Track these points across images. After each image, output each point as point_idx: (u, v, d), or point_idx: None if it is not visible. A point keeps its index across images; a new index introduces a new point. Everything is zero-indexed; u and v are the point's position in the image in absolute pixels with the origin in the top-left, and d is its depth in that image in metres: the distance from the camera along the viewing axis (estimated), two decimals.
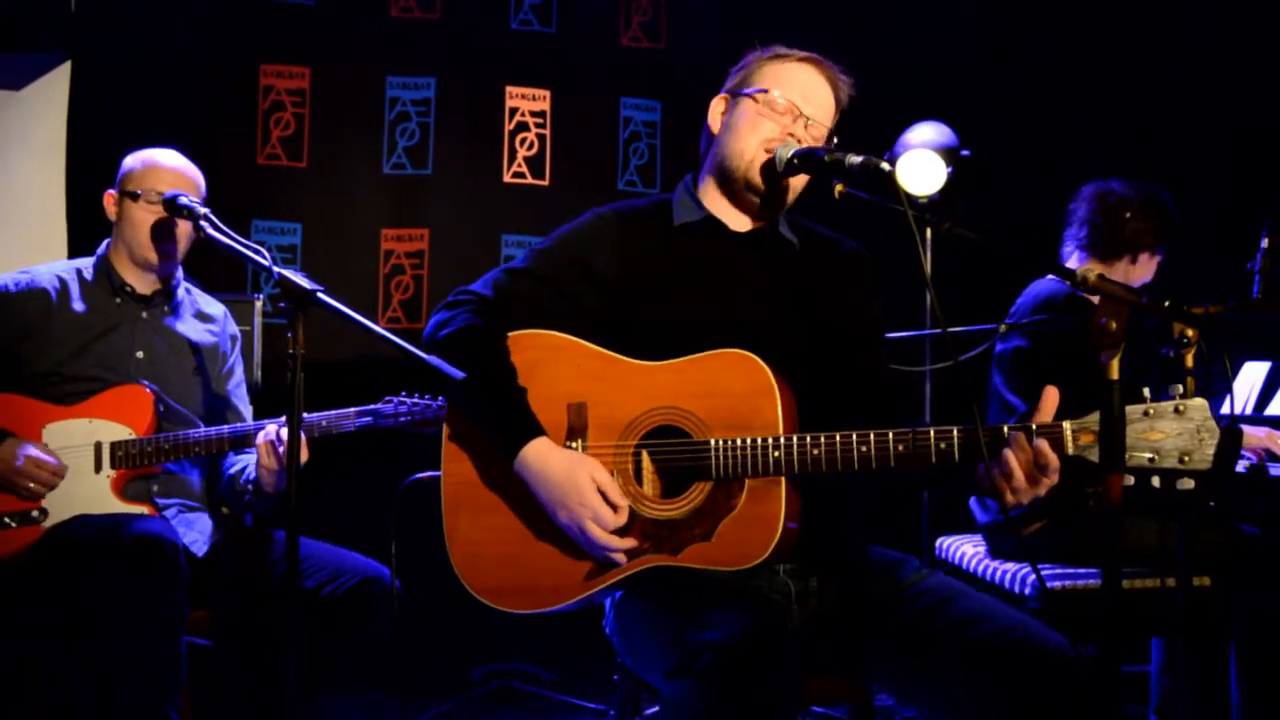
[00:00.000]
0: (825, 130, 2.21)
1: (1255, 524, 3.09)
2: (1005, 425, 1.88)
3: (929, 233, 3.76)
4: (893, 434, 1.93)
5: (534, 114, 4.46)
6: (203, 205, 2.73)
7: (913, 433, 1.92)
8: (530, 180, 4.46)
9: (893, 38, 4.61)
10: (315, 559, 2.74)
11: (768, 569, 2.07)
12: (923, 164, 3.86)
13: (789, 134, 2.16)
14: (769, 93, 2.18)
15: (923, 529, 3.79)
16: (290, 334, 2.12)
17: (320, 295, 2.15)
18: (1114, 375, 1.70)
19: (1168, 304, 1.72)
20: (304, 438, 2.61)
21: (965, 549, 3.33)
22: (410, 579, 2.90)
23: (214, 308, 3.12)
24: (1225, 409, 2.74)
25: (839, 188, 2.02)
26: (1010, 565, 3.10)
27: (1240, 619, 2.98)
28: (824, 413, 2.05)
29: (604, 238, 2.23)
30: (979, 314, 3.39)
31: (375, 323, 2.18)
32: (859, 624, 2.06)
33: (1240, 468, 2.85)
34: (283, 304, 2.15)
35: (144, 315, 2.95)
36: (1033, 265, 3.14)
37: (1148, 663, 3.27)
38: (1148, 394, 1.81)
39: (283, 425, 2.68)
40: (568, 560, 2.08)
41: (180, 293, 3.04)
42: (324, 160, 4.30)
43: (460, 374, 2.04)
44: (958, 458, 1.90)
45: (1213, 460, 1.77)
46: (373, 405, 2.81)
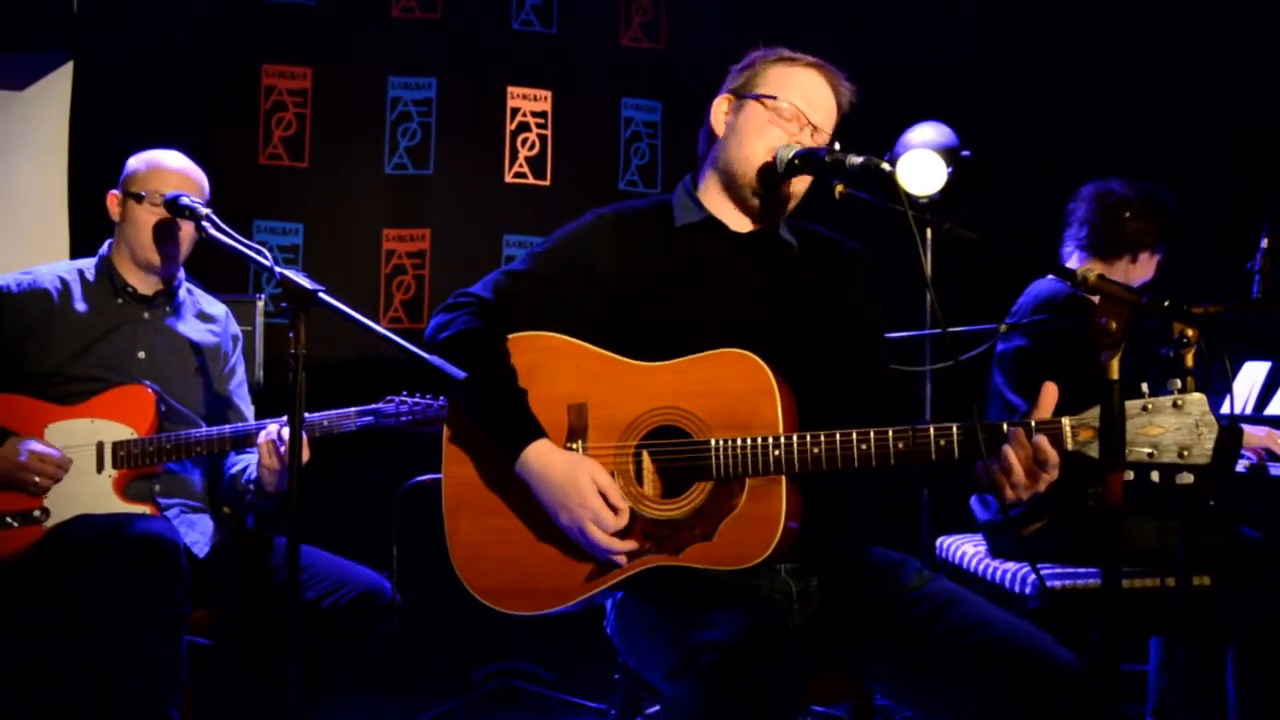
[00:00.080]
0: (828, 137, 2.21)
1: (1255, 524, 3.09)
2: (1005, 422, 1.88)
3: (929, 233, 3.76)
4: (893, 432, 1.93)
5: (535, 114, 4.46)
6: (205, 206, 2.73)
7: (912, 430, 1.92)
8: (531, 180, 4.46)
9: (893, 38, 4.61)
10: (317, 569, 2.74)
11: (768, 568, 2.07)
12: (923, 164, 3.86)
13: (795, 141, 2.17)
14: (777, 100, 2.18)
15: (923, 528, 3.79)
16: (292, 334, 2.12)
17: (322, 295, 2.15)
18: (1114, 375, 1.71)
19: (1168, 304, 1.72)
20: (305, 437, 2.61)
21: (965, 548, 3.34)
22: (411, 580, 2.91)
23: (216, 308, 3.13)
24: (1225, 409, 2.74)
25: (840, 188, 2.02)
26: (1010, 565, 3.11)
27: (1239, 620, 2.98)
28: (824, 413, 2.05)
29: (604, 238, 2.23)
30: (979, 314, 3.39)
31: (377, 323, 2.18)
32: (859, 626, 2.06)
33: (1240, 467, 2.85)
34: (284, 304, 2.15)
35: (146, 316, 2.95)
36: (1033, 265, 3.14)
37: (1146, 662, 3.28)
38: (1146, 389, 1.81)
39: (284, 425, 2.68)
40: (569, 561, 2.08)
41: (182, 293, 3.04)
42: (325, 160, 4.31)
43: (462, 374, 2.05)
44: (957, 455, 1.90)
45: (1211, 455, 1.77)
46: (374, 405, 2.81)
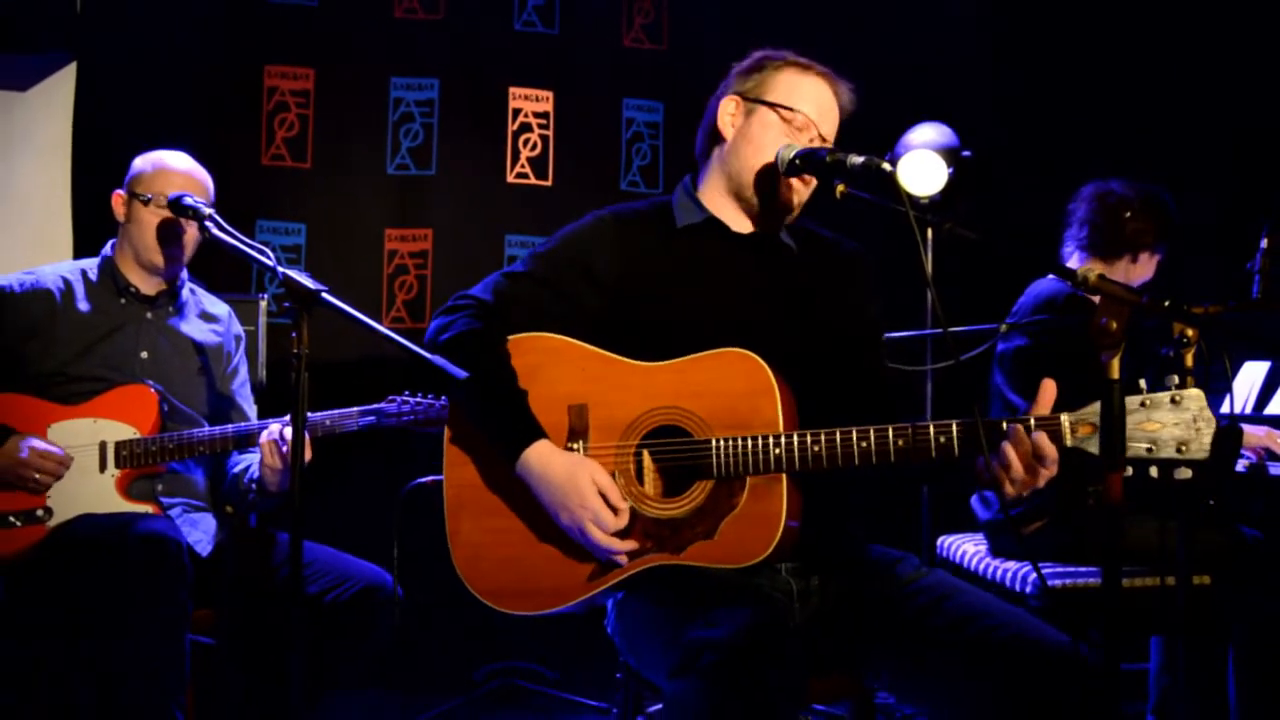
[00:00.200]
0: (831, 145, 2.22)
1: (1255, 523, 3.10)
2: (1004, 419, 1.89)
3: (930, 233, 3.76)
4: (893, 429, 1.94)
5: (537, 115, 4.47)
6: (209, 207, 2.74)
7: (912, 428, 1.93)
8: (533, 181, 4.47)
9: (893, 38, 4.61)
10: (319, 564, 2.75)
11: (769, 567, 2.08)
12: (924, 164, 3.87)
13: None
14: (793, 110, 2.19)
15: (924, 528, 3.80)
16: (294, 334, 2.12)
17: (324, 295, 2.15)
18: (1114, 375, 1.71)
19: (1168, 304, 1.72)
20: (308, 437, 2.62)
21: (966, 548, 3.34)
22: (412, 580, 2.91)
23: (218, 308, 3.13)
24: (1225, 408, 2.75)
25: (841, 188, 2.03)
26: (1011, 564, 3.11)
27: (1239, 619, 2.98)
28: (824, 412, 2.05)
29: (604, 239, 2.24)
30: (980, 314, 3.40)
31: (379, 323, 2.18)
32: (859, 621, 2.07)
33: (1240, 467, 2.86)
34: (287, 304, 2.16)
35: (148, 316, 2.96)
36: (1033, 265, 3.15)
37: (1147, 661, 3.28)
38: (1144, 385, 1.82)
39: (287, 424, 2.69)
40: (570, 562, 2.09)
41: (185, 293, 3.05)
42: (328, 161, 4.32)
43: (463, 373, 2.05)
44: (957, 451, 1.91)
45: (1210, 450, 1.78)
46: (376, 405, 2.82)
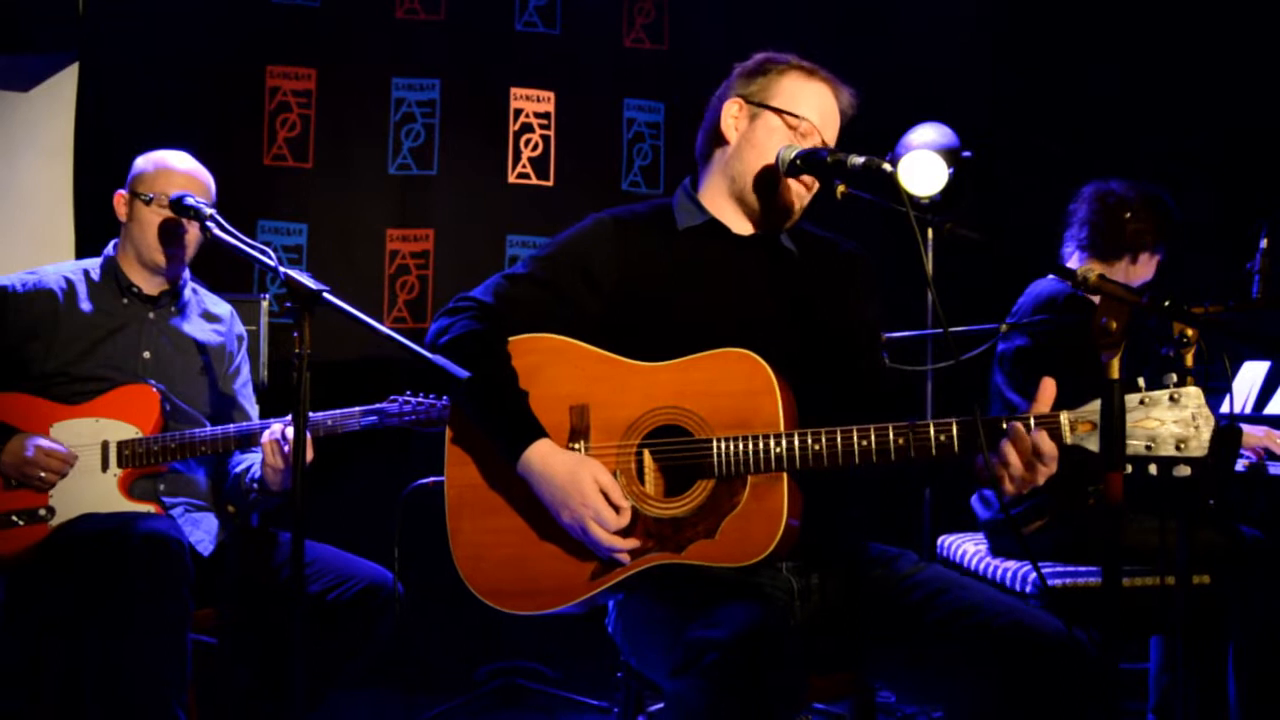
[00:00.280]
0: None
1: (1255, 523, 3.10)
2: (1003, 417, 1.90)
3: (930, 233, 3.77)
4: (893, 428, 1.95)
5: (538, 115, 4.48)
6: (211, 207, 2.74)
7: (912, 426, 1.94)
8: (535, 181, 4.48)
9: (893, 38, 4.62)
10: (321, 563, 2.76)
11: (770, 566, 2.09)
12: (924, 165, 3.87)
13: None
14: (798, 117, 2.19)
15: (924, 527, 3.80)
16: (296, 333, 2.13)
17: (326, 295, 2.16)
18: (1114, 375, 1.72)
19: (1168, 304, 1.73)
20: (309, 437, 2.62)
21: (967, 547, 3.35)
22: (413, 580, 2.92)
23: (220, 308, 3.14)
24: (1225, 408, 2.75)
25: (841, 188, 2.04)
26: (1011, 563, 3.12)
27: (1239, 619, 2.99)
28: (824, 413, 2.06)
29: (604, 242, 2.25)
30: (980, 314, 3.40)
31: (380, 323, 2.19)
32: (858, 616, 2.08)
33: (1240, 466, 2.87)
34: (289, 304, 2.16)
35: (151, 316, 2.97)
36: (1033, 265, 3.15)
37: (1147, 661, 3.29)
38: (1142, 383, 1.82)
39: (288, 424, 2.70)
40: (572, 561, 2.09)
41: (187, 293, 3.05)
42: (330, 161, 4.33)
43: (465, 373, 2.06)
44: (957, 449, 1.92)
45: (1209, 448, 1.79)
46: (378, 404, 2.82)
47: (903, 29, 4.66)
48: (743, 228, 2.27)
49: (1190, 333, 1.76)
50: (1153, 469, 1.83)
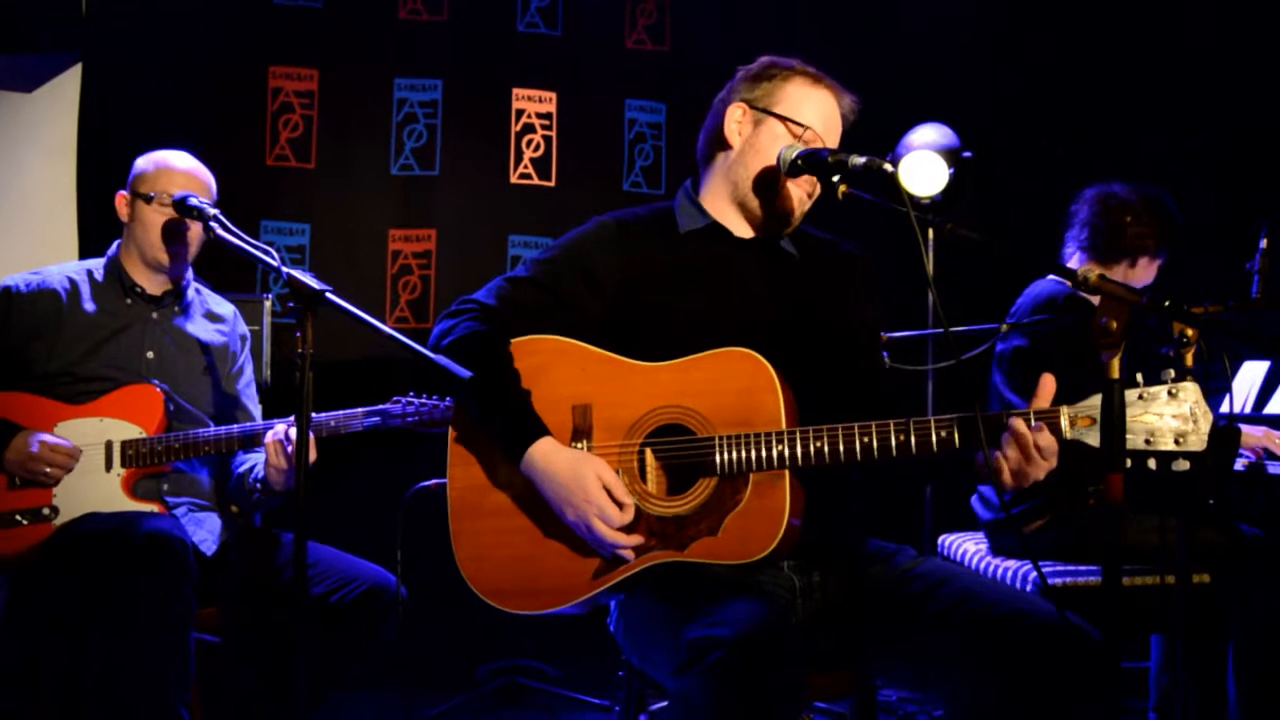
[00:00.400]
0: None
1: (1255, 522, 3.11)
2: (1003, 412, 1.91)
3: (931, 233, 3.77)
4: (894, 425, 1.96)
5: (540, 115, 4.49)
6: (213, 207, 2.75)
7: (912, 423, 1.95)
8: (537, 181, 4.48)
9: (893, 38, 4.63)
10: (324, 565, 2.76)
11: (772, 564, 2.09)
12: (925, 165, 3.88)
13: None
14: (802, 126, 2.20)
15: (925, 527, 3.81)
16: (299, 334, 2.14)
17: (329, 295, 2.16)
18: (1114, 375, 1.73)
19: (1168, 304, 1.73)
20: (312, 437, 2.63)
21: (967, 546, 3.36)
22: (416, 580, 2.92)
23: (224, 308, 3.14)
24: (1224, 408, 2.76)
25: (842, 188, 2.04)
26: (1012, 562, 3.13)
27: (1239, 618, 2.99)
28: (824, 413, 2.06)
29: (606, 244, 2.25)
30: (980, 314, 3.41)
31: (383, 323, 2.19)
32: (858, 610, 2.09)
33: (1239, 466, 2.87)
34: (291, 304, 2.17)
35: (154, 315, 2.97)
36: (1033, 265, 3.16)
37: (1147, 660, 3.29)
38: (1141, 379, 1.83)
39: (291, 424, 2.70)
40: (574, 560, 2.10)
41: (190, 293, 3.06)
42: (332, 161, 4.34)
43: (468, 373, 2.07)
44: (958, 444, 1.93)
45: (1207, 444, 1.79)
46: (381, 405, 2.83)
47: (903, 29, 4.66)
48: (744, 231, 2.28)
49: (1190, 333, 1.77)
50: (1152, 464, 1.83)
